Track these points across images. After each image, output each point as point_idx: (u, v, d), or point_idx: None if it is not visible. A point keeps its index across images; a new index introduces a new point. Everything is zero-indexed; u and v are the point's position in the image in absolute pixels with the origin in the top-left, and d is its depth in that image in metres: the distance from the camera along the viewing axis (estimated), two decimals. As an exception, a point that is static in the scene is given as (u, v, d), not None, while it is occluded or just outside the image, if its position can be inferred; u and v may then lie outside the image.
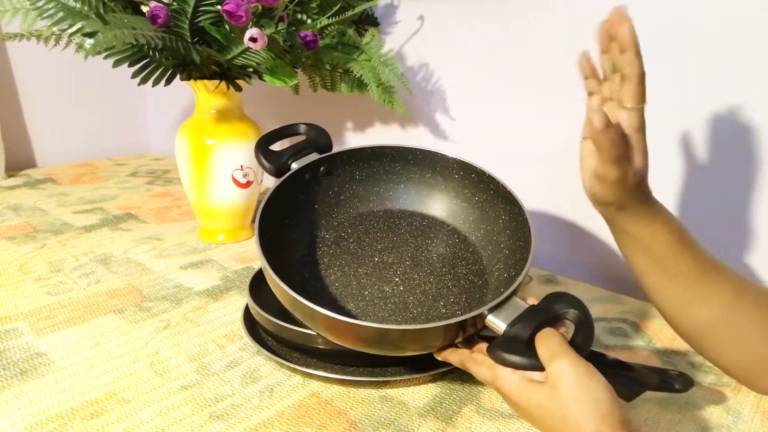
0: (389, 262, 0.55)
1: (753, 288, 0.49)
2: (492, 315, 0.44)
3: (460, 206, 0.58)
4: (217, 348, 0.57)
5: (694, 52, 0.67)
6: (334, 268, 0.54)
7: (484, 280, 0.53)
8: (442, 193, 0.59)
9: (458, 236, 0.57)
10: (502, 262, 0.53)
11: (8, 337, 0.58)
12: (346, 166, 0.59)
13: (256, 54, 0.69)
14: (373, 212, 0.60)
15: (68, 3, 0.69)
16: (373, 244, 0.56)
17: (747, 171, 0.66)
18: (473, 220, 0.58)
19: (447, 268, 0.54)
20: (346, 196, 0.59)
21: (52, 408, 0.47)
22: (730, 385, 0.54)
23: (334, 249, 0.56)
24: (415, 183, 0.60)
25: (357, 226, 0.58)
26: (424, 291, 0.52)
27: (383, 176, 0.60)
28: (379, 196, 0.60)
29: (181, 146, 0.82)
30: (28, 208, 1.00)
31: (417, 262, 0.55)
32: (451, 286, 0.53)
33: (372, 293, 0.52)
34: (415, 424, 0.47)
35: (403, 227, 0.58)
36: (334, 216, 0.59)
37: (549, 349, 0.39)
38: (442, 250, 0.56)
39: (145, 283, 0.71)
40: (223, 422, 0.46)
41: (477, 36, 0.86)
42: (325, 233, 0.57)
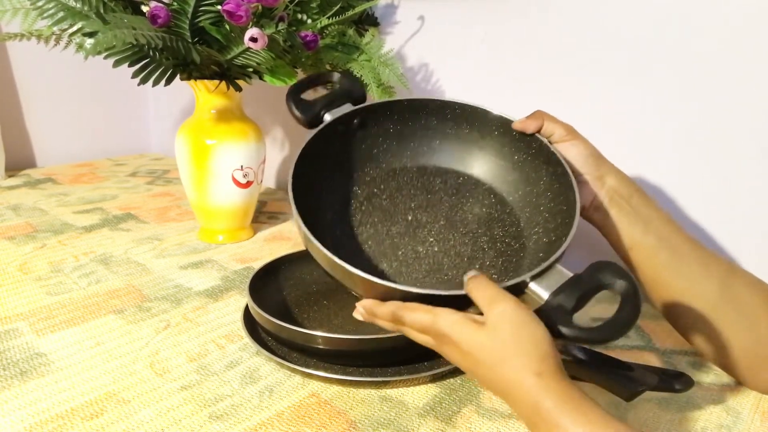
0: (423, 222, 0.52)
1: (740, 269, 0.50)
2: (534, 283, 0.41)
3: (499, 165, 0.55)
4: (217, 348, 0.57)
5: (694, 51, 0.67)
6: (366, 226, 0.52)
7: (522, 244, 0.51)
8: (480, 151, 0.56)
9: (495, 197, 0.55)
10: (541, 226, 0.51)
11: (8, 337, 0.58)
12: (381, 118, 0.56)
13: (256, 54, 0.69)
14: (407, 168, 0.57)
15: (68, 3, 0.69)
16: (406, 202, 0.54)
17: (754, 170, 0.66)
18: (512, 180, 0.54)
19: (483, 230, 0.52)
20: (379, 150, 0.57)
21: (52, 408, 0.47)
22: (730, 385, 0.54)
23: (366, 206, 0.54)
24: (451, 139, 0.56)
25: (390, 182, 0.56)
26: (458, 252, 0.50)
27: (418, 131, 0.57)
28: (413, 152, 0.57)
29: (181, 146, 0.82)
30: (28, 208, 1.00)
31: (452, 222, 0.53)
32: (487, 248, 0.51)
33: (405, 253, 0.50)
34: (414, 424, 0.47)
35: (438, 185, 0.56)
36: (367, 171, 0.56)
37: (487, 293, 0.39)
38: (477, 210, 0.54)
39: (145, 283, 0.71)
40: (223, 422, 0.46)
41: (477, 36, 0.86)
42: (357, 188, 0.55)
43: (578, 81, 0.77)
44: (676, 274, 0.48)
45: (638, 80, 0.72)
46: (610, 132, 0.76)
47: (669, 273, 0.49)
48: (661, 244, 0.49)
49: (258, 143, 0.83)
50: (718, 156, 0.68)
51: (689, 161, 0.70)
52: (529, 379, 0.35)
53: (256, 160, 0.83)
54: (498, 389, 0.38)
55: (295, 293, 0.66)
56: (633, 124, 0.73)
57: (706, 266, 0.48)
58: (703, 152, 0.69)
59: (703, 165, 0.69)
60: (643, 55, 0.71)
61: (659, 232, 0.49)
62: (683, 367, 0.57)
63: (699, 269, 0.48)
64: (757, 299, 0.48)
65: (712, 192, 0.69)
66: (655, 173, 0.73)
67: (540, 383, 0.35)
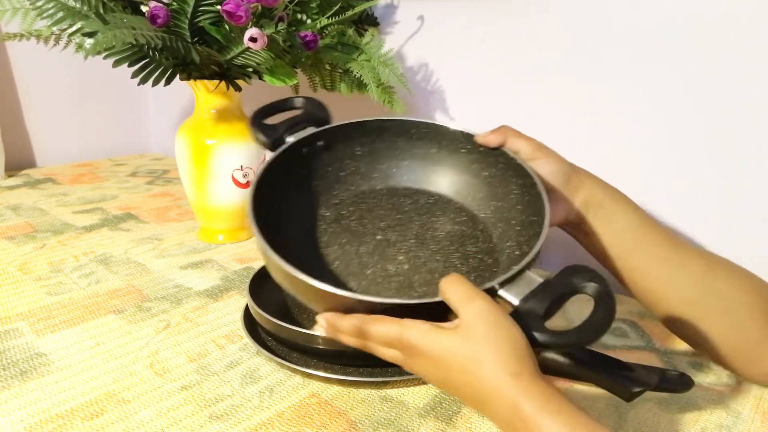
0: (393, 240, 0.52)
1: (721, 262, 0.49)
2: (503, 290, 0.40)
3: (468, 182, 0.55)
4: (217, 348, 0.57)
5: (695, 51, 0.67)
6: (333, 246, 0.51)
7: (495, 259, 0.50)
8: (448, 169, 0.56)
9: (466, 214, 0.54)
10: (513, 240, 0.50)
11: (8, 338, 0.58)
12: (347, 140, 0.56)
13: (256, 54, 0.69)
14: (376, 190, 0.56)
15: (68, 3, 0.69)
16: (375, 222, 0.54)
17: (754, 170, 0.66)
18: (482, 196, 0.54)
19: (455, 246, 0.51)
20: (346, 172, 0.56)
21: (52, 408, 0.47)
22: (730, 385, 0.54)
23: (333, 227, 0.53)
24: (419, 159, 0.56)
25: (359, 204, 0.55)
26: (430, 270, 0.49)
27: (386, 152, 0.57)
28: (381, 173, 0.57)
29: (181, 146, 0.82)
30: (28, 208, 1.00)
31: (422, 240, 0.52)
32: (459, 264, 0.50)
33: (374, 272, 0.49)
34: (415, 424, 0.47)
35: (408, 205, 0.55)
36: (334, 194, 0.56)
37: (460, 292, 0.37)
38: (449, 227, 0.53)
39: (145, 283, 0.71)
40: (223, 422, 0.46)
41: (477, 36, 0.86)
42: (325, 211, 0.55)
43: (578, 81, 0.77)
44: (652, 277, 0.48)
45: (638, 80, 0.72)
46: (610, 132, 0.76)
47: (644, 277, 0.48)
48: (634, 250, 0.48)
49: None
50: (719, 155, 0.68)
51: (689, 160, 0.70)
52: (507, 379, 0.34)
53: (256, 160, 0.83)
54: (472, 395, 0.36)
55: (295, 293, 0.66)
56: (633, 124, 0.73)
57: (682, 266, 0.47)
58: (704, 151, 0.69)
59: (704, 163, 0.69)
60: (643, 55, 0.71)
61: (632, 239, 0.48)
62: (683, 367, 0.57)
63: (675, 270, 0.48)
64: (738, 294, 0.47)
65: (713, 191, 0.69)
66: (655, 173, 0.73)
67: (519, 384, 0.34)
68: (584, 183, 0.49)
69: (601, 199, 0.49)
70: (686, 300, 0.47)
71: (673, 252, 0.48)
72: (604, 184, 0.50)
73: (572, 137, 0.79)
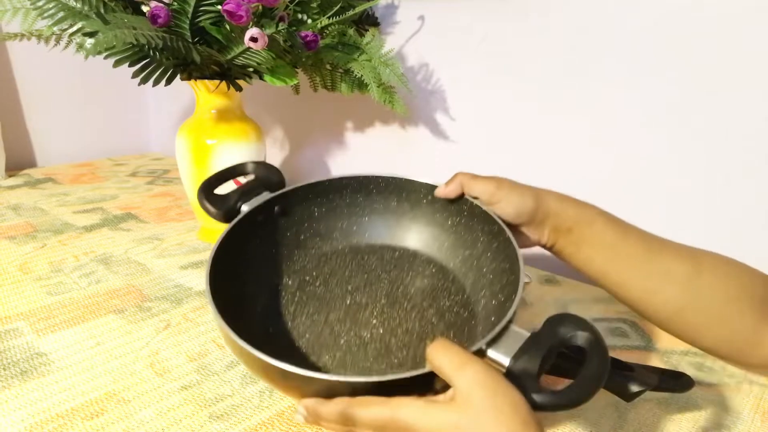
0: (363, 303, 0.49)
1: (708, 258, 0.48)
2: (491, 349, 0.37)
3: (433, 233, 0.53)
4: (217, 348, 0.57)
5: (695, 53, 0.67)
6: (302, 317, 0.48)
7: (471, 311, 0.48)
8: (411, 222, 0.54)
9: (435, 266, 0.52)
10: (487, 288, 0.48)
11: (8, 337, 0.58)
12: (303, 203, 0.53)
13: (256, 54, 0.69)
14: (338, 250, 0.54)
15: (68, 3, 0.69)
16: (342, 285, 0.51)
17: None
18: (449, 246, 0.52)
19: (428, 302, 0.49)
20: (306, 236, 0.54)
21: (52, 408, 0.47)
22: (730, 385, 0.54)
23: (299, 296, 0.50)
24: (380, 213, 0.54)
25: (322, 268, 0.53)
26: (406, 330, 0.47)
27: (344, 209, 0.54)
28: (342, 232, 0.55)
29: (182, 146, 0.82)
30: (28, 208, 1.00)
31: (394, 299, 0.50)
32: (436, 321, 0.48)
33: (348, 341, 0.46)
34: (415, 424, 0.47)
35: (374, 262, 0.53)
36: (295, 259, 0.53)
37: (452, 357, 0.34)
38: (419, 283, 0.51)
39: (145, 283, 0.71)
40: (223, 422, 0.46)
41: (477, 36, 0.86)
42: (287, 279, 0.52)
43: (578, 81, 0.77)
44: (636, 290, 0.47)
45: (639, 81, 0.72)
46: (610, 131, 0.76)
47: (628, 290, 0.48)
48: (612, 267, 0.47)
49: (258, 143, 0.83)
50: (720, 153, 0.68)
51: (690, 160, 0.70)
52: None
53: (257, 160, 0.83)
54: None
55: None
56: (634, 124, 0.73)
57: (666, 274, 0.46)
58: (704, 151, 0.69)
59: (704, 164, 0.69)
60: (643, 56, 0.71)
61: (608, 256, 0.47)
62: (683, 367, 0.57)
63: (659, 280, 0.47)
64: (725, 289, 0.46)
65: (714, 192, 0.69)
66: (655, 171, 0.73)
67: None
68: (550, 212, 0.48)
69: (570, 225, 0.48)
70: (675, 307, 0.46)
71: (653, 261, 0.47)
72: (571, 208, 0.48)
73: (572, 137, 0.79)
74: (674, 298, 0.46)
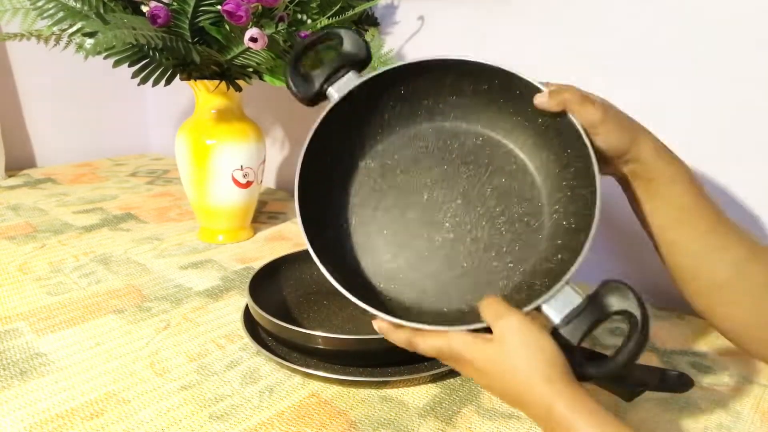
0: (439, 201, 0.50)
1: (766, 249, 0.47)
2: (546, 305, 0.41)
3: (521, 126, 0.50)
4: (217, 348, 0.57)
5: (697, 52, 0.67)
6: (381, 211, 0.50)
7: (540, 224, 0.48)
8: (499, 108, 0.50)
9: (516, 162, 0.50)
10: (562, 205, 0.47)
11: (8, 337, 0.58)
12: (390, 85, 0.50)
13: (256, 54, 0.69)
14: (421, 130, 0.52)
15: (68, 3, 0.69)
16: (422, 175, 0.51)
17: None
18: (534, 143, 0.49)
19: (501, 207, 0.49)
20: (390, 114, 0.52)
21: (52, 408, 0.47)
22: (729, 385, 0.54)
23: (380, 184, 0.51)
24: (467, 95, 0.51)
25: (404, 150, 0.52)
26: (474, 239, 0.48)
27: (432, 88, 0.51)
28: (427, 110, 0.52)
29: (181, 146, 0.82)
30: (28, 208, 1.00)
31: (469, 199, 0.50)
32: (504, 231, 0.48)
33: (421, 243, 0.49)
34: (415, 424, 0.47)
35: (455, 149, 0.51)
36: (378, 139, 0.52)
37: (492, 310, 0.40)
38: (496, 181, 0.50)
39: (145, 283, 0.71)
40: (223, 422, 0.46)
41: (477, 36, 0.86)
42: (370, 161, 0.51)
43: (579, 81, 0.77)
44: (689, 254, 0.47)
45: (639, 81, 0.72)
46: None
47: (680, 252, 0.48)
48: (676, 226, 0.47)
49: (258, 143, 0.83)
50: (723, 158, 0.68)
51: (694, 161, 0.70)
52: (540, 385, 0.37)
53: (256, 160, 0.83)
54: (512, 399, 0.39)
55: (295, 293, 0.66)
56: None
57: (723, 250, 0.46)
58: (708, 152, 0.69)
59: (708, 166, 0.69)
60: (644, 56, 0.71)
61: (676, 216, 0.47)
62: (683, 367, 0.57)
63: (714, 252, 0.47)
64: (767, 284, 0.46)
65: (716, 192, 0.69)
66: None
67: (551, 388, 0.36)
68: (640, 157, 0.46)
69: (651, 176, 0.47)
70: (719, 282, 0.47)
71: (716, 235, 0.47)
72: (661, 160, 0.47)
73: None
74: (722, 273, 0.47)
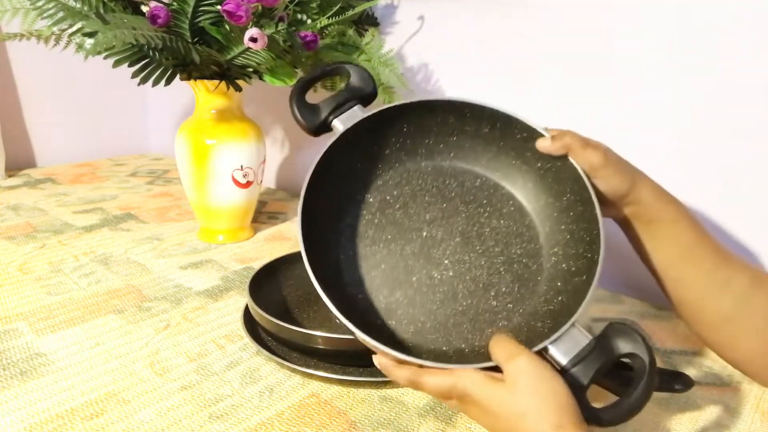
0: (438, 239, 0.49)
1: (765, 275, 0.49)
2: (552, 346, 0.40)
3: (520, 169, 0.50)
4: (217, 348, 0.57)
5: (693, 50, 0.67)
6: (379, 245, 0.49)
7: (539, 265, 0.48)
8: (499, 152, 0.51)
9: (514, 204, 0.51)
10: (561, 247, 0.47)
11: (8, 337, 0.58)
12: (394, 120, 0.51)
13: (256, 54, 0.69)
14: (421, 168, 0.53)
15: (68, 3, 0.69)
16: (420, 213, 0.51)
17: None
18: (533, 187, 0.50)
19: (500, 248, 0.49)
20: (391, 150, 0.52)
21: (52, 408, 0.47)
22: (730, 385, 0.54)
23: (378, 218, 0.50)
24: (469, 136, 0.52)
25: (403, 187, 0.52)
26: (474, 278, 0.48)
27: (434, 128, 0.52)
28: (428, 149, 0.52)
29: (181, 146, 0.82)
30: (28, 208, 1.00)
31: (468, 238, 0.49)
32: (503, 271, 0.48)
33: (420, 279, 0.48)
34: (414, 424, 0.47)
35: (454, 189, 0.52)
36: (378, 174, 0.52)
37: (505, 350, 0.39)
38: (495, 222, 0.50)
39: (145, 283, 0.71)
40: (223, 422, 0.46)
41: (477, 36, 0.86)
42: (369, 196, 0.51)
43: (579, 81, 0.77)
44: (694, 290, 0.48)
45: (639, 81, 0.72)
46: (610, 132, 0.76)
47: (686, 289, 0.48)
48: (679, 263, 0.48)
49: (258, 143, 0.83)
50: (720, 149, 0.68)
51: (688, 158, 0.70)
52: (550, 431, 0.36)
53: (256, 160, 0.83)
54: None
55: (295, 293, 0.66)
56: (634, 124, 0.73)
57: (727, 281, 0.47)
58: (703, 148, 0.69)
59: (704, 159, 0.69)
60: (644, 56, 0.71)
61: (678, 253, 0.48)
62: (683, 367, 0.57)
63: (719, 286, 0.47)
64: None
65: (715, 192, 0.69)
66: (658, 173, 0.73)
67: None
68: (640, 200, 0.47)
69: (652, 217, 0.48)
70: (725, 315, 0.47)
71: (718, 269, 0.47)
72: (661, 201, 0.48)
73: (572, 137, 0.79)
74: (727, 306, 0.47)
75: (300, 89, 0.50)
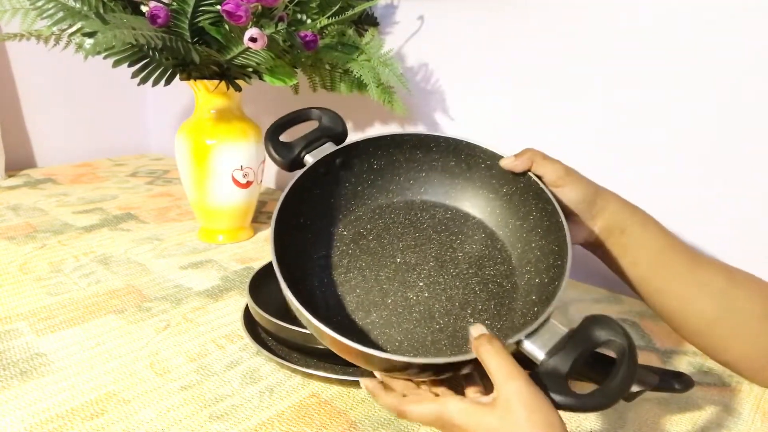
0: (412, 264, 0.51)
1: (742, 275, 0.50)
2: (528, 341, 0.39)
3: (487, 197, 0.53)
4: (217, 348, 0.58)
5: (691, 50, 0.67)
6: (354, 272, 0.51)
7: (514, 284, 0.50)
8: (466, 183, 0.54)
9: (485, 231, 0.53)
10: (533, 264, 0.49)
11: (8, 337, 0.58)
12: (363, 155, 0.54)
13: (256, 54, 0.69)
14: (393, 203, 0.55)
15: (68, 3, 0.69)
16: (394, 242, 0.53)
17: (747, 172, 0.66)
18: (501, 213, 0.53)
19: (474, 270, 0.51)
20: (363, 186, 0.55)
21: (52, 408, 0.47)
22: (730, 385, 0.54)
23: (353, 249, 0.52)
24: (437, 171, 0.55)
25: (376, 221, 0.54)
26: (449, 297, 0.49)
27: (403, 164, 0.55)
28: (399, 186, 0.55)
29: (181, 146, 0.82)
30: (28, 208, 1.00)
31: (442, 262, 0.51)
32: (479, 290, 0.50)
33: (395, 301, 0.49)
34: (415, 424, 0.47)
35: (426, 221, 0.54)
36: (352, 209, 0.55)
37: (503, 369, 0.37)
38: (468, 248, 0.52)
39: (145, 283, 0.71)
40: (223, 422, 0.46)
41: (477, 36, 0.86)
42: (343, 229, 0.54)
43: (579, 81, 0.77)
44: (674, 298, 0.49)
45: (640, 81, 0.72)
46: (610, 132, 0.76)
47: (666, 297, 0.49)
48: (655, 273, 0.49)
49: (258, 143, 0.83)
50: (720, 149, 0.68)
51: (686, 157, 0.70)
52: None
53: (256, 160, 0.83)
54: None
55: (295, 293, 0.66)
56: (634, 124, 0.73)
57: (704, 285, 0.48)
58: (701, 148, 0.69)
59: (706, 163, 0.69)
60: (645, 56, 0.71)
61: (653, 261, 0.49)
62: (683, 367, 0.57)
63: (697, 290, 0.48)
64: (753, 306, 0.48)
65: (716, 191, 0.69)
66: (652, 170, 0.73)
67: None
68: (607, 208, 0.48)
69: (623, 226, 0.49)
70: (710, 319, 0.48)
71: (694, 272, 0.48)
72: (627, 209, 0.49)
73: (572, 138, 0.79)
74: (709, 308, 0.48)
75: (272, 131, 0.55)
